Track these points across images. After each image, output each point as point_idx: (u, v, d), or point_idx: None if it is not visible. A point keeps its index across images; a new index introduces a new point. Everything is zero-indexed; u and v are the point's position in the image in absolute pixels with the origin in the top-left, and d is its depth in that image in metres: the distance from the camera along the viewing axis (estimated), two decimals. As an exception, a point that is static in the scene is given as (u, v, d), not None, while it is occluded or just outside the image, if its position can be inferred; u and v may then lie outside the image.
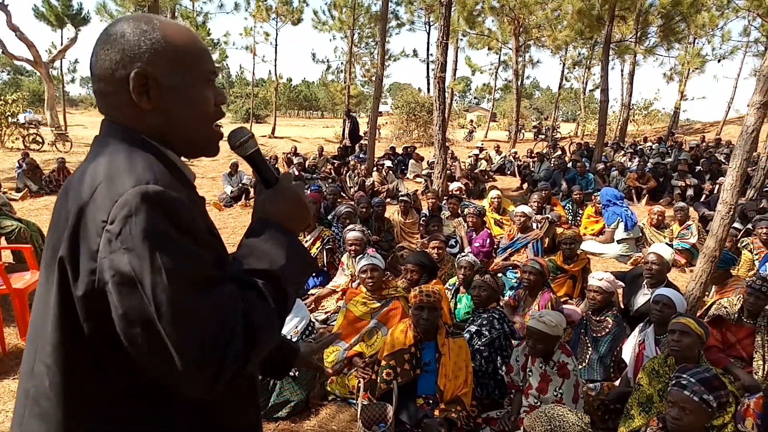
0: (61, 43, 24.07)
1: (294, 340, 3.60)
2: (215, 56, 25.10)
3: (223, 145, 1.17)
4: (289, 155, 13.99)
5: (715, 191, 9.39)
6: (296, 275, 1.09)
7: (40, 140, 17.36)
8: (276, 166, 12.30)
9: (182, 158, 1.13)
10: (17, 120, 17.39)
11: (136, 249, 0.86)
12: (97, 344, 0.94)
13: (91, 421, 0.99)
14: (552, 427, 2.65)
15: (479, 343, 3.70)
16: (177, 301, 0.87)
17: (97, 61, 1.02)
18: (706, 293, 4.55)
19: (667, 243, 6.63)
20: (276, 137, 25.37)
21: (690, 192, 10.18)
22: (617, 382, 3.64)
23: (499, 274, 5.73)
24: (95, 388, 0.98)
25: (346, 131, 16.38)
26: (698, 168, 11.45)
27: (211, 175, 13.80)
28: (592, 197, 8.43)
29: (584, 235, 7.81)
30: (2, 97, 17.91)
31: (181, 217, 0.91)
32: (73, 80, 33.76)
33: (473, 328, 3.81)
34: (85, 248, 0.90)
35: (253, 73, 27.90)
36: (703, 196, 9.81)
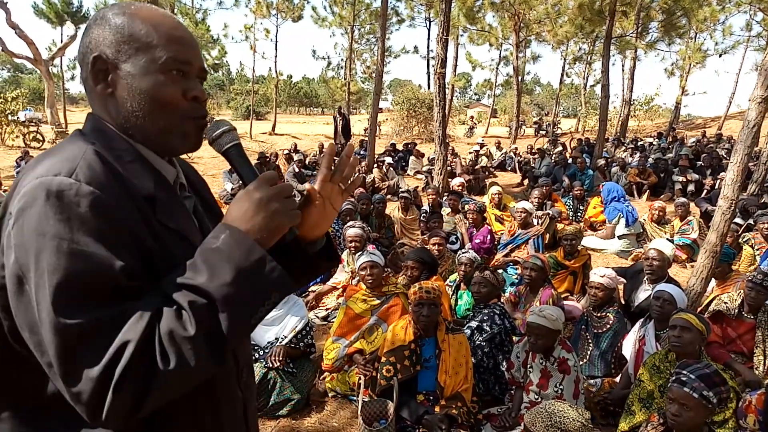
0: (61, 41, 24.04)
1: (291, 340, 3.60)
2: (215, 53, 25.05)
3: None
4: (289, 152, 13.99)
5: (717, 186, 9.37)
6: (247, 297, 0.88)
7: (41, 138, 17.35)
8: (276, 163, 12.29)
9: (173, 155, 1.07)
10: (17, 118, 17.40)
11: (24, 245, 0.79)
12: (15, 341, 0.88)
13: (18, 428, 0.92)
14: (552, 423, 2.66)
15: (480, 338, 3.70)
16: (57, 309, 0.77)
17: (78, 49, 1.01)
18: (707, 288, 4.54)
19: (668, 239, 6.62)
20: (276, 134, 25.35)
21: (691, 187, 10.17)
22: (618, 378, 3.64)
23: (500, 270, 5.73)
24: (22, 392, 0.92)
25: (339, 128, 16.31)
26: (699, 163, 11.43)
27: (212, 173, 13.79)
28: (599, 187, 8.51)
29: (590, 225, 7.83)
30: (2, 95, 17.92)
31: (87, 215, 0.81)
32: (73, 78, 33.65)
33: (474, 324, 3.80)
34: (3, 242, 0.85)
35: (254, 70, 27.82)
36: (705, 191, 9.79)
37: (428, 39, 30.61)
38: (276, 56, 25.69)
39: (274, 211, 0.93)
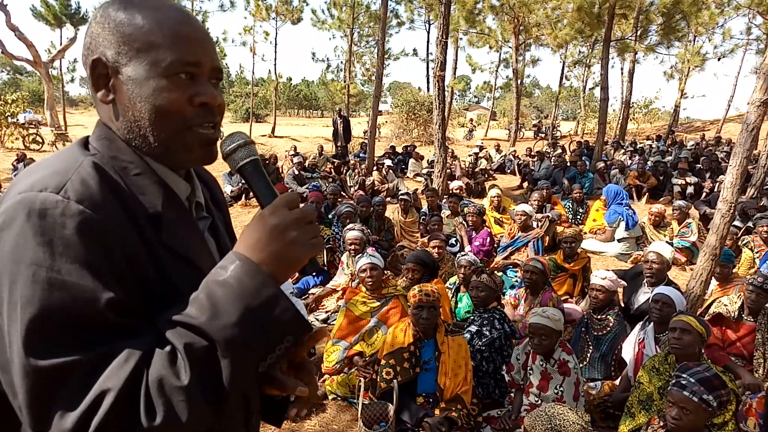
0: (60, 43, 24.05)
1: None
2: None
3: None
4: (289, 154, 13.99)
5: (716, 189, 9.38)
6: (256, 341, 0.76)
7: (40, 140, 17.37)
8: (276, 166, 12.27)
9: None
10: (17, 120, 17.40)
11: None
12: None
13: None
14: (552, 426, 2.66)
15: (480, 343, 3.69)
16: (28, 349, 0.66)
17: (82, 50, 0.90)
18: (706, 291, 4.55)
19: (667, 241, 6.63)
20: (276, 136, 25.37)
21: (690, 190, 10.18)
22: (618, 381, 3.64)
23: (500, 273, 5.73)
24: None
25: (340, 130, 16.18)
26: (698, 166, 11.44)
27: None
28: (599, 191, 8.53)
29: (590, 230, 7.83)
30: (2, 97, 17.91)
31: (74, 238, 0.70)
32: (72, 80, 33.64)
33: (474, 329, 3.80)
34: None
35: (253, 73, 28.02)
36: (704, 194, 9.80)
37: (428, 42, 30.65)
38: (275, 59, 25.77)
39: (292, 240, 0.81)
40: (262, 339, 0.77)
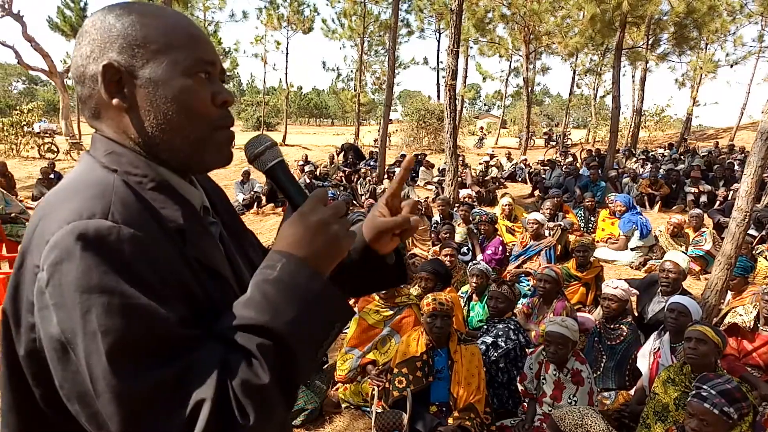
0: (76, 53, 24.37)
1: None
2: (227, 65, 25.35)
3: (237, 153, 0.99)
4: (299, 164, 14.07)
5: (730, 198, 9.31)
6: (314, 332, 0.79)
7: (55, 149, 17.58)
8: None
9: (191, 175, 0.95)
10: (33, 129, 17.64)
11: (66, 306, 0.67)
12: (52, 412, 0.77)
13: None
14: (582, 424, 2.66)
15: (495, 354, 3.68)
16: (116, 376, 0.66)
17: (72, 61, 0.86)
18: (722, 301, 4.51)
19: (682, 251, 6.58)
20: (287, 145, 25.51)
21: (703, 198, 10.10)
22: (632, 391, 3.62)
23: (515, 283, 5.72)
24: None
25: (350, 159, 15.74)
26: (712, 174, 11.36)
27: (223, 183, 13.83)
28: (606, 199, 8.47)
29: (601, 239, 7.79)
30: (18, 107, 18.22)
31: (132, 262, 0.70)
32: (87, 90, 34.10)
33: (489, 340, 3.78)
34: (25, 299, 0.74)
35: (264, 82, 28.16)
36: (717, 202, 9.72)
37: (438, 50, 30.78)
38: (287, 68, 26.00)
39: (334, 234, 0.84)
40: (320, 329, 0.80)
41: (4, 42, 15.63)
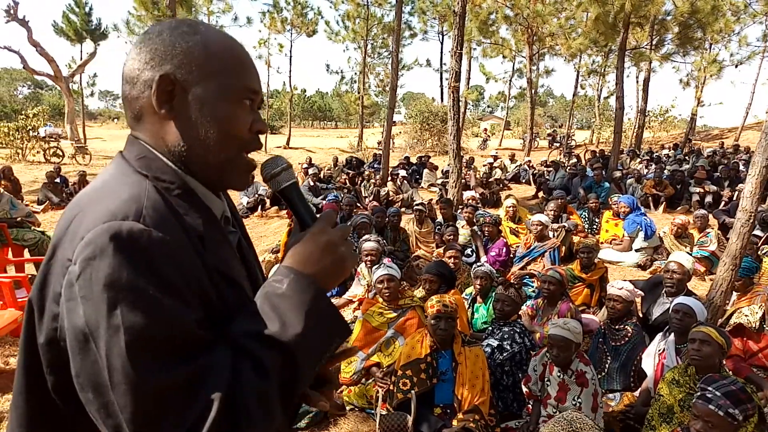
0: (81, 58, 24.59)
1: None
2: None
3: None
4: (302, 167, 14.10)
5: (735, 198, 9.27)
6: (317, 345, 0.84)
7: (61, 153, 17.66)
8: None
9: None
10: (38, 134, 17.73)
11: (93, 300, 0.71)
12: (61, 400, 0.81)
13: None
14: (573, 429, 2.65)
15: (501, 357, 3.68)
16: (135, 369, 0.70)
17: (127, 61, 0.91)
18: (727, 301, 4.49)
19: (687, 251, 6.55)
20: (291, 148, 25.59)
21: (708, 199, 10.06)
22: (637, 392, 3.61)
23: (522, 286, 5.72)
24: None
25: (353, 162, 15.58)
26: (717, 174, 11.31)
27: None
28: (609, 200, 8.48)
29: (605, 241, 7.77)
30: (24, 112, 18.32)
31: (159, 264, 0.75)
32: (92, 94, 34.36)
33: (494, 343, 3.78)
34: (51, 290, 0.78)
35: (268, 85, 28.16)
36: (722, 203, 9.68)
37: (441, 52, 30.80)
38: (290, 71, 26.14)
39: (341, 255, 0.91)
40: (322, 344, 0.86)
41: (9, 47, 15.70)
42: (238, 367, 0.77)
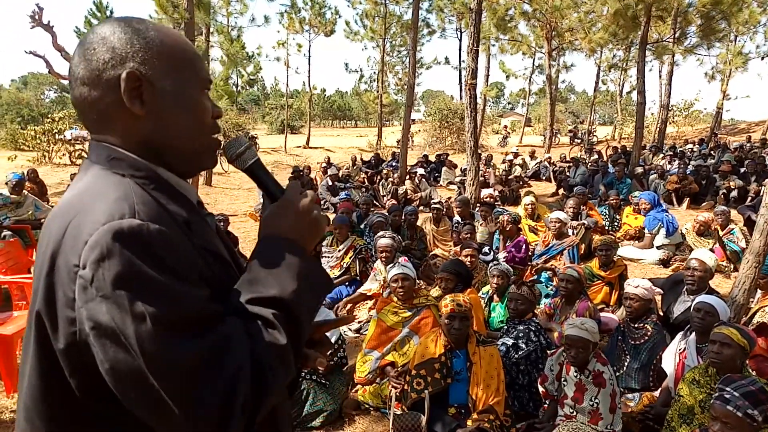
0: (104, 62, 24.94)
1: None
2: (250, 69, 25.65)
3: (262, 156, 1.09)
4: (321, 166, 14.15)
5: (761, 193, 9.03)
6: (310, 299, 0.94)
7: (86, 156, 17.93)
8: (309, 176, 12.42)
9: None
10: (64, 137, 18.07)
11: (113, 296, 0.75)
12: (86, 399, 0.85)
13: None
14: None
15: (516, 356, 3.64)
16: (167, 350, 0.76)
17: (80, 63, 0.90)
18: (751, 299, 4.38)
19: (710, 249, 6.41)
20: (310, 147, 25.72)
21: (734, 194, 9.82)
22: (657, 392, 3.54)
23: (534, 276, 5.66)
24: None
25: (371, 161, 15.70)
26: (743, 169, 11.03)
27: (247, 186, 14.07)
28: (629, 197, 8.53)
29: (624, 234, 7.65)
30: (50, 115, 18.67)
31: (163, 253, 0.80)
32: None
33: (510, 341, 3.74)
34: (62, 296, 0.80)
35: (287, 85, 28.33)
36: (749, 198, 9.44)
37: (459, 49, 30.59)
38: (309, 71, 26.21)
39: (315, 217, 1.01)
40: (314, 298, 0.97)
41: (35, 52, 16.01)
42: (251, 331, 0.84)
